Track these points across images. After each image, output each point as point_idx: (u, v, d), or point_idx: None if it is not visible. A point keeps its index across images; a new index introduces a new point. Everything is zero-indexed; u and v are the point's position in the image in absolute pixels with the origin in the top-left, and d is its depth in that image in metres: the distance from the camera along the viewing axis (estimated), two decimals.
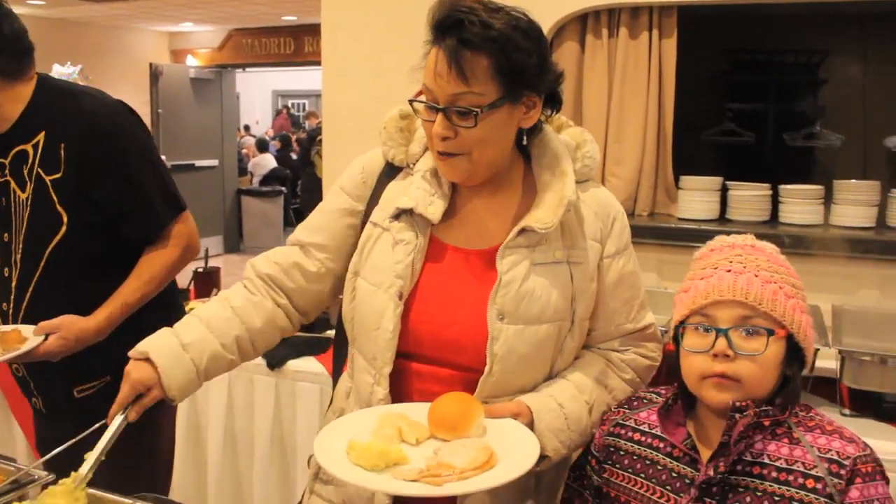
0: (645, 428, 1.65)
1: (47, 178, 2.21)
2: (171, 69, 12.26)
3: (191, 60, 13.07)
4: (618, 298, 1.76)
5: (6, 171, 2.27)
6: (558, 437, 1.64)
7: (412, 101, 1.67)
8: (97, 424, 1.70)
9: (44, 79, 2.30)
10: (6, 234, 2.28)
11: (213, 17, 11.59)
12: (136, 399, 1.70)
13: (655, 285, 3.57)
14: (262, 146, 14.51)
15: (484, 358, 1.62)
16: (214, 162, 12.61)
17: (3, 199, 2.28)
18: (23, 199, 2.25)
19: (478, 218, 1.73)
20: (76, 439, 1.70)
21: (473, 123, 1.58)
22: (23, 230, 2.26)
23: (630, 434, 1.66)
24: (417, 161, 1.78)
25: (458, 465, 1.45)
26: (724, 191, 3.91)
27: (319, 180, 5.53)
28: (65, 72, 8.58)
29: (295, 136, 15.55)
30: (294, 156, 14.38)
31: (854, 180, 3.76)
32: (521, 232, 1.65)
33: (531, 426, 1.61)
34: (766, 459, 1.48)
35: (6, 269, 2.29)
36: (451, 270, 1.70)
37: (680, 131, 3.91)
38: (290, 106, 20.19)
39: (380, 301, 1.68)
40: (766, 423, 1.48)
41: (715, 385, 1.48)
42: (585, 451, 1.75)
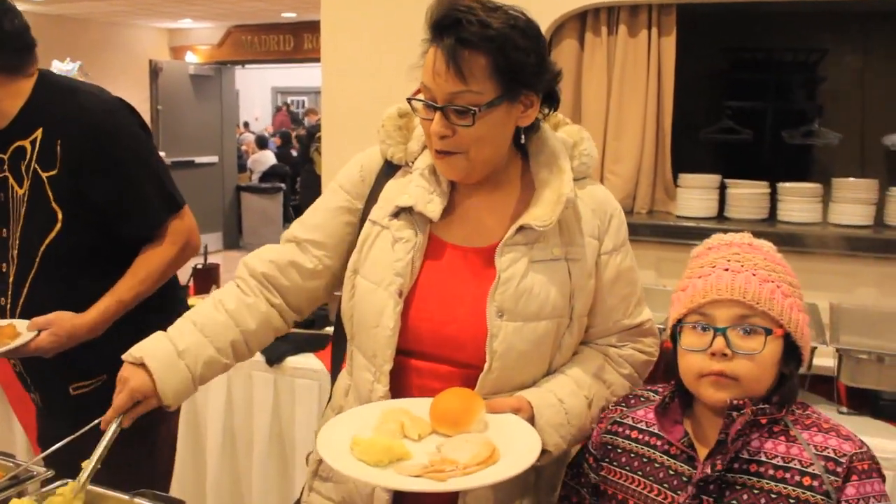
0: (642, 426, 1.65)
1: (44, 175, 2.21)
2: (170, 66, 12.25)
3: (190, 57, 13.04)
4: (615, 295, 1.77)
5: (5, 167, 2.26)
6: (559, 432, 1.65)
7: (410, 100, 1.67)
8: (95, 421, 1.69)
9: (44, 75, 2.29)
10: (4, 230, 2.28)
11: (212, 13, 11.57)
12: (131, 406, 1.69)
13: (654, 283, 3.57)
14: (262, 143, 14.51)
15: (483, 354, 1.63)
16: (214, 159, 12.61)
17: (1, 194, 2.28)
18: (20, 196, 2.25)
19: (476, 216, 1.74)
20: (74, 436, 1.70)
21: (471, 122, 1.58)
22: (19, 226, 2.25)
23: (627, 432, 1.66)
24: (416, 159, 1.79)
25: (462, 460, 1.45)
26: (722, 189, 3.90)
27: (318, 177, 5.53)
28: (64, 68, 8.56)
29: (294, 133, 15.53)
30: (294, 153, 14.37)
31: (852, 178, 3.75)
32: (520, 230, 1.65)
33: (532, 421, 1.61)
34: (763, 457, 1.48)
35: (4, 264, 2.29)
36: (450, 268, 1.71)
37: (679, 129, 3.91)
38: (290, 103, 20.16)
39: (379, 299, 1.69)
40: (763, 421, 1.49)
41: (713, 383, 1.49)
42: (583, 449, 1.75)
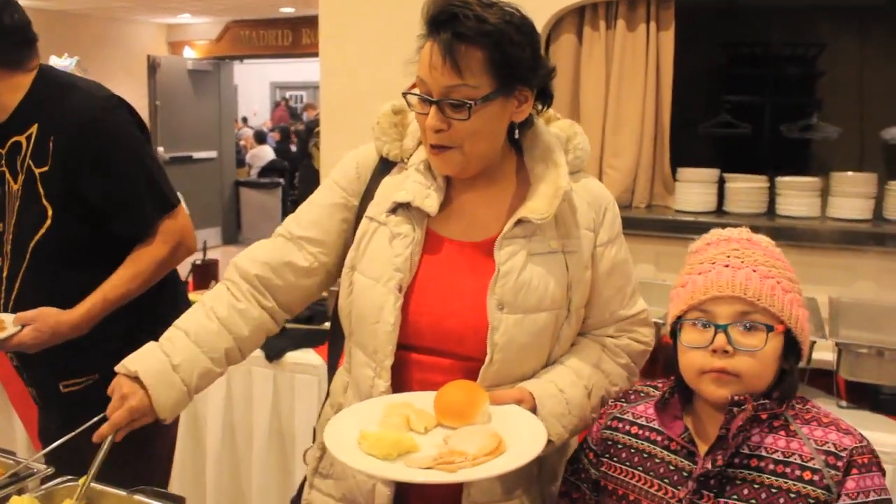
0: (642, 421, 1.65)
1: (36, 171, 2.20)
2: (168, 61, 12.22)
3: (188, 52, 13.03)
4: (611, 286, 1.78)
5: (3, 162, 2.26)
6: (561, 422, 1.66)
7: (406, 94, 1.68)
8: (96, 418, 1.69)
9: (44, 70, 2.28)
10: (0, 224, 2.28)
11: (210, 8, 11.56)
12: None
13: (652, 277, 3.58)
14: (260, 138, 14.49)
15: (483, 347, 1.64)
16: (213, 154, 12.59)
17: None
18: (14, 190, 2.25)
19: (472, 210, 1.75)
20: (72, 434, 1.70)
21: (467, 116, 1.59)
22: (13, 221, 2.25)
23: (627, 427, 1.66)
24: (411, 155, 1.79)
25: (470, 451, 1.47)
26: (721, 183, 3.90)
27: (317, 172, 5.53)
28: (62, 64, 8.53)
29: (293, 128, 15.52)
30: (293, 148, 14.36)
31: (851, 172, 3.76)
32: (518, 223, 1.67)
33: (534, 412, 1.63)
34: (763, 452, 1.49)
35: None
36: (448, 262, 1.72)
37: (677, 124, 3.91)
38: (289, 98, 20.13)
39: (379, 295, 1.69)
40: (763, 416, 1.49)
41: (714, 380, 1.49)
42: (583, 444, 1.76)
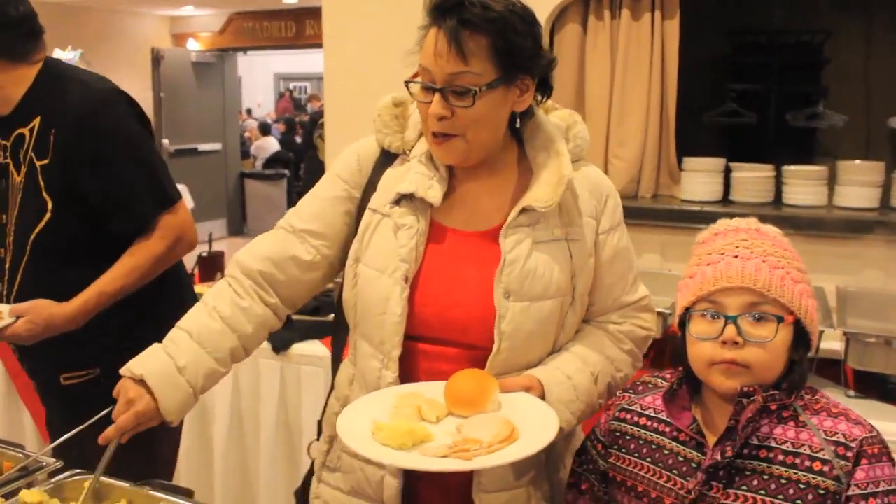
0: (650, 413, 1.65)
1: (38, 164, 2.21)
2: (172, 53, 12.22)
3: (192, 44, 13.00)
4: (614, 273, 1.79)
5: (7, 154, 2.26)
6: (569, 409, 1.67)
7: (408, 83, 1.68)
8: (103, 412, 1.70)
9: (49, 63, 2.28)
10: (3, 216, 2.28)
11: (214, 0, 11.55)
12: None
13: (659, 267, 3.58)
14: (265, 129, 14.49)
15: (490, 335, 1.65)
16: (217, 146, 12.61)
17: (3, 181, 2.28)
18: (17, 183, 2.25)
19: (475, 200, 1.75)
20: (80, 428, 1.71)
21: (471, 103, 1.60)
22: (15, 213, 2.26)
23: (636, 419, 1.66)
24: (413, 147, 1.80)
25: (485, 439, 1.48)
26: (727, 172, 3.89)
27: (322, 163, 5.53)
28: (66, 56, 8.53)
29: (298, 119, 15.51)
30: (298, 139, 14.35)
31: (858, 161, 3.74)
32: (522, 211, 1.67)
33: (542, 399, 1.63)
34: (772, 443, 1.48)
35: (2, 249, 2.29)
36: (452, 252, 1.72)
37: (683, 113, 3.90)
38: (293, 89, 20.12)
39: (385, 286, 1.69)
40: (772, 407, 1.48)
41: (723, 371, 1.48)
42: (590, 436, 1.75)
